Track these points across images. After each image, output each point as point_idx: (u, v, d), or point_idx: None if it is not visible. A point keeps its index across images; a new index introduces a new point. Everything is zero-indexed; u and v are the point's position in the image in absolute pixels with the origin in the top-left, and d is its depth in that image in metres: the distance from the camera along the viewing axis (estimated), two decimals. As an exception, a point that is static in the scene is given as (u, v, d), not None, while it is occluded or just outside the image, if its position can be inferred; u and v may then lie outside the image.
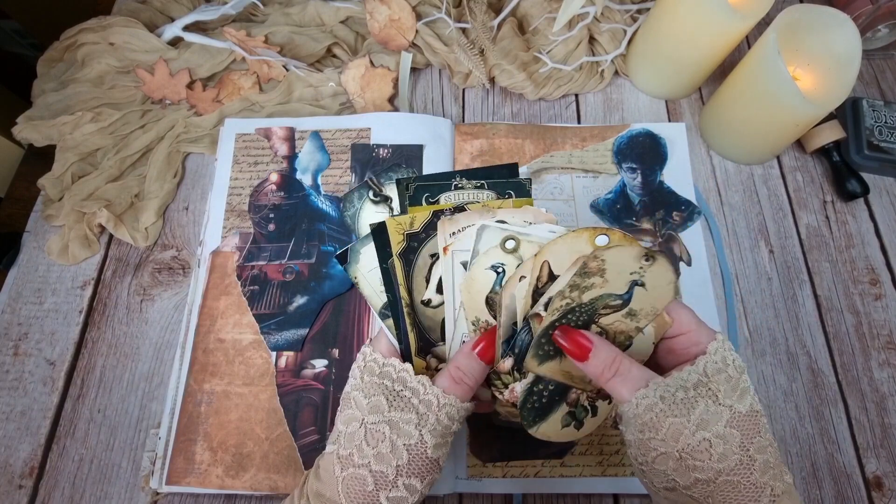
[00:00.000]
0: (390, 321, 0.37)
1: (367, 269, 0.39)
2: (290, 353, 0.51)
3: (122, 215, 0.56)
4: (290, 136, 0.59)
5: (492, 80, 0.64)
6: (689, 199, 0.58)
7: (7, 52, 0.73)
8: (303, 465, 0.47)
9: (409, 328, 0.36)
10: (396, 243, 0.36)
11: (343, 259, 0.40)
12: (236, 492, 0.46)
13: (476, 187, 0.40)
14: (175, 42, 0.64)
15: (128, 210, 0.57)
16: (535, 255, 0.34)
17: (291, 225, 0.55)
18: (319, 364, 0.50)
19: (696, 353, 0.32)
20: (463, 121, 0.63)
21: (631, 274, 0.33)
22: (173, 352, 0.51)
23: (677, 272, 0.32)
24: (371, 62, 0.60)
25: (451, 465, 0.47)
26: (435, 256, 0.37)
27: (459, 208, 0.38)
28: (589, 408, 0.36)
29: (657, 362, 0.35)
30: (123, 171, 0.59)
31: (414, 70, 0.65)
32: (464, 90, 0.65)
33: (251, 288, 0.53)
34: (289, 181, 0.57)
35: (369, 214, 0.55)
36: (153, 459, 0.47)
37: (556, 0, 0.62)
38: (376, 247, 0.37)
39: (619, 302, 0.33)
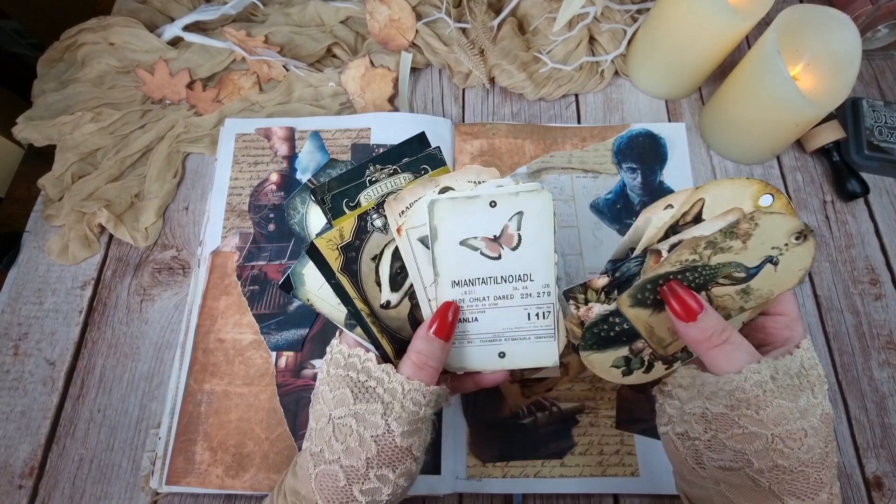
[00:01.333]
0: (359, 329, 0.36)
1: (316, 288, 0.37)
2: (290, 353, 0.51)
3: (122, 215, 0.56)
4: (290, 136, 0.59)
5: (492, 80, 0.64)
6: (689, 199, 0.58)
7: (7, 52, 0.72)
8: (303, 465, 0.47)
9: (378, 335, 0.36)
10: (334, 260, 0.35)
11: (287, 287, 0.37)
12: (236, 492, 0.46)
13: (390, 175, 0.38)
14: (175, 42, 0.64)
15: (128, 210, 0.57)
16: (696, 188, 0.32)
17: (287, 225, 0.55)
18: (319, 364, 0.50)
19: (786, 339, 0.31)
20: (463, 121, 0.63)
21: (772, 248, 0.30)
22: (173, 352, 0.51)
23: (814, 259, 0.31)
24: (371, 62, 0.60)
25: (451, 465, 0.47)
26: (376, 259, 0.36)
27: (380, 203, 0.37)
28: (646, 363, 0.34)
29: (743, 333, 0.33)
30: (123, 171, 0.59)
31: (414, 70, 0.65)
32: (464, 90, 0.65)
33: (251, 288, 0.53)
34: (289, 181, 0.57)
35: (317, 217, 0.53)
36: (153, 459, 0.47)
37: (556, 0, 0.62)
38: (316, 265, 0.35)
39: (742, 275, 0.31)
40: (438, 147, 0.40)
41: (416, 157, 0.39)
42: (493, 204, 0.34)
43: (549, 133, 0.61)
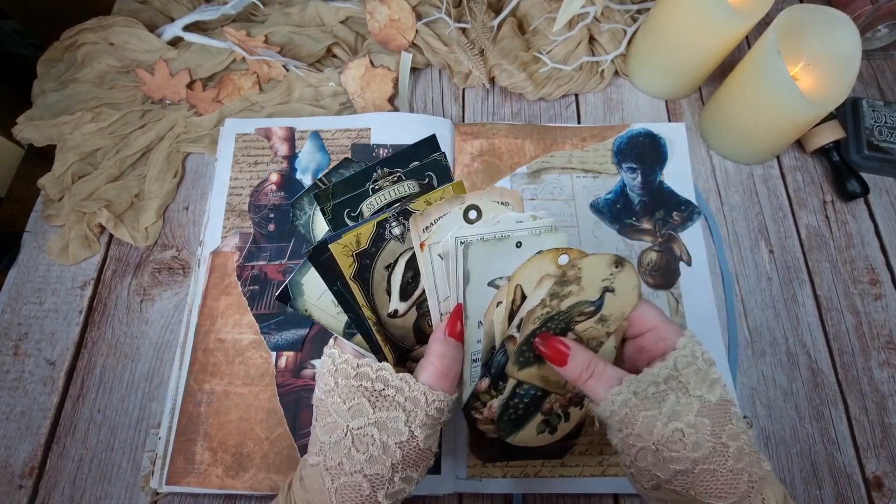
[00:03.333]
0: (359, 337, 0.35)
1: (315, 298, 0.36)
2: (290, 353, 0.51)
3: (122, 215, 0.56)
4: (290, 136, 0.59)
5: (492, 80, 0.64)
6: (689, 199, 0.58)
7: (7, 52, 0.72)
8: (303, 465, 0.47)
9: (382, 344, 0.35)
10: (347, 266, 0.34)
11: (285, 297, 0.36)
12: (236, 492, 0.46)
13: (394, 182, 0.38)
14: (175, 42, 0.64)
15: (128, 210, 0.57)
16: (509, 279, 0.35)
17: (291, 225, 0.55)
18: (319, 365, 0.50)
19: (664, 349, 0.33)
20: (463, 121, 0.63)
21: (603, 281, 0.34)
22: (173, 352, 0.51)
23: (639, 277, 0.35)
24: (371, 62, 0.60)
25: (451, 465, 0.47)
26: (389, 268, 0.36)
27: (405, 211, 0.36)
28: (562, 414, 0.38)
29: (632, 363, 0.36)
30: (123, 171, 0.59)
31: (414, 70, 0.65)
32: (464, 90, 0.65)
33: (251, 288, 0.53)
34: (289, 181, 0.57)
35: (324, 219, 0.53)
36: (153, 459, 0.47)
37: (556, 0, 0.62)
38: (318, 272, 0.34)
39: (591, 308, 0.34)
40: (443, 153, 0.39)
41: (423, 162, 0.39)
42: (518, 245, 0.35)
43: (549, 133, 0.61)
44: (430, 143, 0.40)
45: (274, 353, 0.50)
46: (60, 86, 0.61)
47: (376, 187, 0.37)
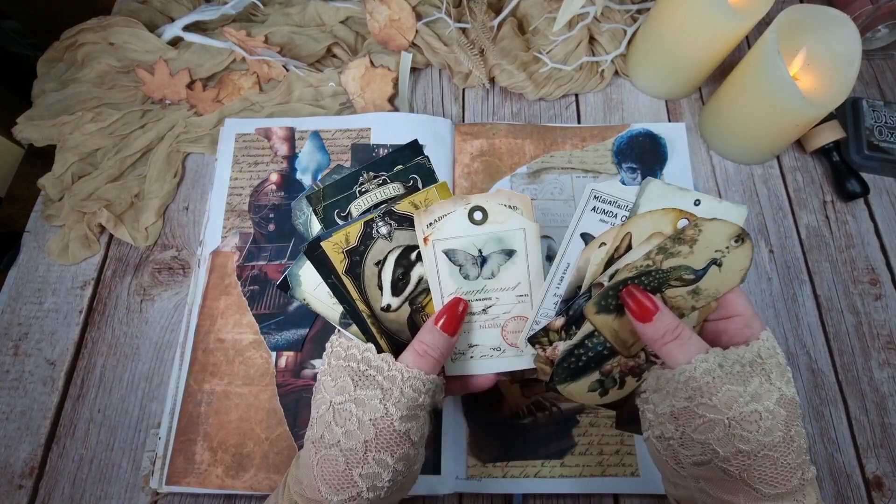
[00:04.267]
0: (354, 327, 0.37)
1: (312, 288, 0.39)
2: (290, 353, 0.51)
3: (122, 215, 0.56)
4: (290, 136, 0.59)
5: (492, 80, 0.64)
6: (689, 199, 0.58)
7: (7, 52, 0.72)
8: (303, 465, 0.47)
9: (377, 336, 0.37)
10: (339, 262, 0.36)
11: (285, 287, 0.39)
12: (236, 492, 0.46)
13: (380, 185, 0.40)
14: (175, 42, 0.64)
15: (128, 210, 0.57)
16: (621, 225, 0.35)
17: (291, 225, 0.55)
18: (319, 364, 0.50)
19: (748, 337, 0.33)
20: (463, 121, 0.63)
21: (715, 252, 0.33)
22: (173, 352, 0.51)
23: (752, 260, 0.34)
24: (371, 62, 0.60)
25: (451, 465, 0.47)
26: (379, 264, 0.37)
27: (390, 212, 0.38)
28: (618, 380, 0.37)
29: (710, 343, 0.35)
30: (123, 171, 0.59)
31: (414, 70, 0.65)
32: (464, 90, 0.65)
33: (251, 288, 0.53)
34: (289, 181, 0.57)
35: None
36: (153, 459, 0.47)
37: (556, 0, 0.62)
38: (314, 265, 0.37)
39: (692, 276, 0.34)
40: (426, 156, 0.41)
41: (406, 165, 0.40)
42: (697, 202, 0.36)
43: (549, 133, 0.61)
44: (413, 147, 0.41)
45: (274, 353, 0.50)
46: (60, 86, 0.61)
47: (363, 189, 0.39)
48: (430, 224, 0.37)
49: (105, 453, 0.48)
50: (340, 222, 0.39)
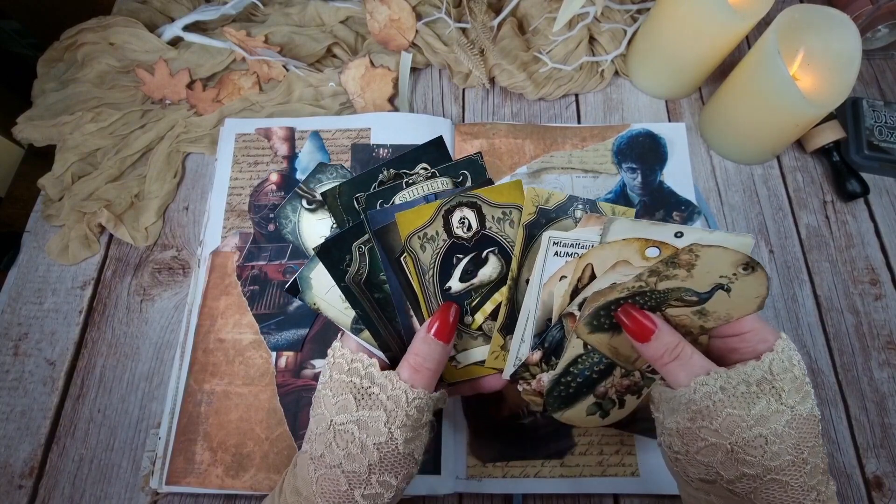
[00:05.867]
0: (366, 333, 0.36)
1: (324, 292, 0.37)
2: (290, 353, 0.51)
3: (122, 215, 0.56)
4: (290, 136, 0.59)
5: (492, 80, 0.64)
6: (689, 199, 0.58)
7: (7, 52, 0.72)
8: (303, 465, 0.47)
9: (390, 339, 0.36)
10: (407, 236, 0.36)
11: (294, 290, 0.38)
12: (236, 492, 0.46)
13: (427, 178, 0.39)
14: (175, 42, 0.64)
15: (128, 210, 0.57)
16: (580, 257, 0.34)
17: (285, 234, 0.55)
18: (319, 364, 0.50)
19: (762, 351, 0.31)
20: (463, 121, 0.63)
21: (720, 277, 0.32)
22: (173, 352, 0.51)
23: (769, 289, 0.32)
24: (371, 62, 0.60)
25: (451, 465, 0.47)
26: (438, 253, 0.36)
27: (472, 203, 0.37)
28: (617, 400, 0.36)
29: (718, 360, 0.34)
30: (123, 171, 0.59)
31: (414, 70, 0.65)
32: (464, 90, 0.65)
33: (251, 288, 0.53)
34: (289, 181, 0.57)
35: (309, 225, 0.53)
36: (153, 459, 0.47)
37: (556, 0, 0.62)
38: (326, 267, 0.35)
39: (694, 299, 0.32)
40: (479, 153, 0.40)
41: (453, 161, 0.40)
42: (678, 235, 0.34)
43: (549, 133, 0.61)
44: (437, 144, 0.41)
45: (274, 353, 0.50)
46: (60, 86, 0.61)
47: (410, 181, 0.39)
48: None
49: (105, 453, 0.48)
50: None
